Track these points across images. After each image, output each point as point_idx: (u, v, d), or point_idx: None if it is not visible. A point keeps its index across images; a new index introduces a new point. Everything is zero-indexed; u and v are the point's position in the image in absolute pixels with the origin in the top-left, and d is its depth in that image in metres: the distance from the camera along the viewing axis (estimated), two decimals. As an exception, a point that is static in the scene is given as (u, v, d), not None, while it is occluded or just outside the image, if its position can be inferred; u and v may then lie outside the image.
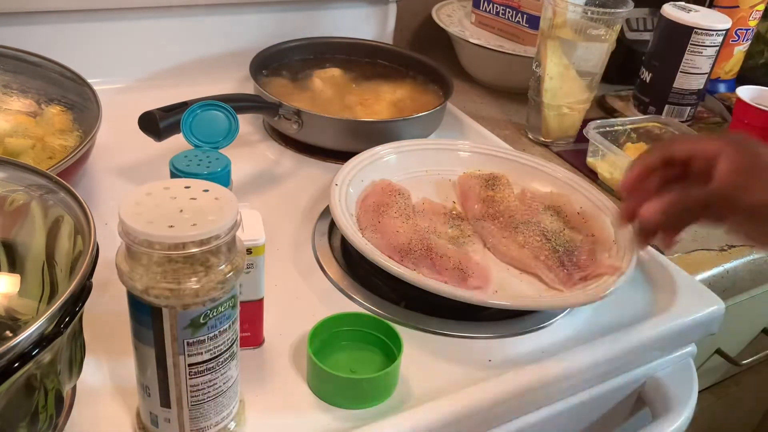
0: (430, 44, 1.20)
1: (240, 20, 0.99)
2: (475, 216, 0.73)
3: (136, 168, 0.78)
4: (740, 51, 1.09)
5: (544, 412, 0.60)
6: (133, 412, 0.50)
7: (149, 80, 0.96)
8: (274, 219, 0.72)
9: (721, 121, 1.06)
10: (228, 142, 0.62)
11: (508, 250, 0.69)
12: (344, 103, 0.90)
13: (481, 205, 0.74)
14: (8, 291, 0.47)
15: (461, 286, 0.62)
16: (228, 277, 0.41)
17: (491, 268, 0.67)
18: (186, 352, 0.43)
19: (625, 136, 0.91)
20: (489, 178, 0.78)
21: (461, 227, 0.72)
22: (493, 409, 0.56)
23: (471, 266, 0.65)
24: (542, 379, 0.58)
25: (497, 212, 0.73)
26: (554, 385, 0.59)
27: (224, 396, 0.46)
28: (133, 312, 0.43)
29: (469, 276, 0.63)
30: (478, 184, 0.77)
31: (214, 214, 0.41)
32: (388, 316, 0.61)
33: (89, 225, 0.45)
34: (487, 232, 0.71)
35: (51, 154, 0.68)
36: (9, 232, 0.49)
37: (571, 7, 0.86)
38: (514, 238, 0.70)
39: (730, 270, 0.78)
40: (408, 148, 0.81)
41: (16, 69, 0.77)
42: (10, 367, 0.36)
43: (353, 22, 1.08)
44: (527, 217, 0.72)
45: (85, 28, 0.90)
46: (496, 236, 0.70)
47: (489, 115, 1.04)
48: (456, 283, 0.62)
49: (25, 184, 0.50)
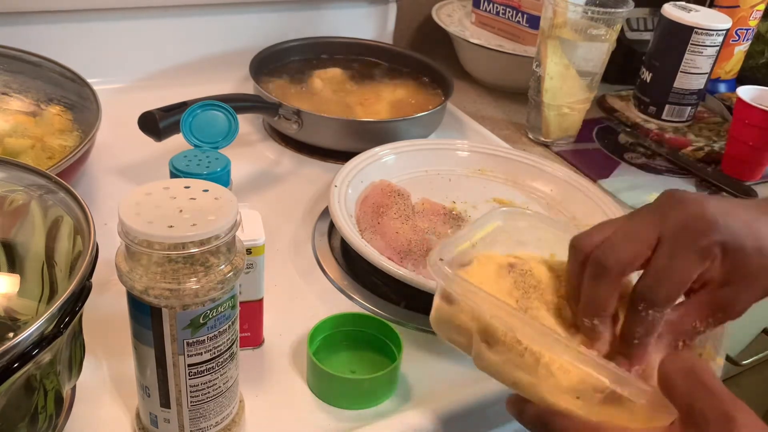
0: (430, 44, 1.20)
1: (240, 20, 0.99)
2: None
3: (135, 168, 0.78)
4: (740, 51, 1.09)
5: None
6: (133, 412, 0.50)
7: (149, 80, 0.96)
8: (274, 219, 0.72)
9: (721, 121, 1.06)
10: (228, 142, 0.62)
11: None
12: (344, 103, 0.89)
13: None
14: (8, 291, 0.47)
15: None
16: (228, 277, 0.41)
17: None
18: (186, 353, 0.43)
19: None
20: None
21: (461, 227, 0.72)
22: (493, 409, 0.56)
23: (471, 266, 0.65)
24: (542, 379, 0.58)
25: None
26: (554, 385, 0.59)
27: (224, 396, 0.46)
28: (133, 312, 0.43)
29: (469, 276, 0.63)
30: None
31: (214, 214, 0.40)
32: (388, 316, 0.61)
33: (89, 225, 0.45)
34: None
35: (50, 154, 0.68)
36: (8, 232, 0.49)
37: (572, 7, 0.86)
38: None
39: (730, 270, 0.77)
40: (407, 148, 0.81)
41: (15, 69, 0.77)
42: (9, 367, 0.36)
43: (353, 22, 1.08)
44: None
45: (85, 28, 0.90)
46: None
47: (489, 115, 1.04)
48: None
49: (25, 184, 0.50)
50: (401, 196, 0.73)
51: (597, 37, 0.88)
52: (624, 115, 1.05)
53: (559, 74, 0.91)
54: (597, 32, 0.87)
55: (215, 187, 0.43)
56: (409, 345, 0.56)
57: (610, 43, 0.89)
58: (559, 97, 0.92)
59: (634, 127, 1.02)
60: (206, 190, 0.43)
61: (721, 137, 1.01)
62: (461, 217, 0.74)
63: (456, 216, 0.74)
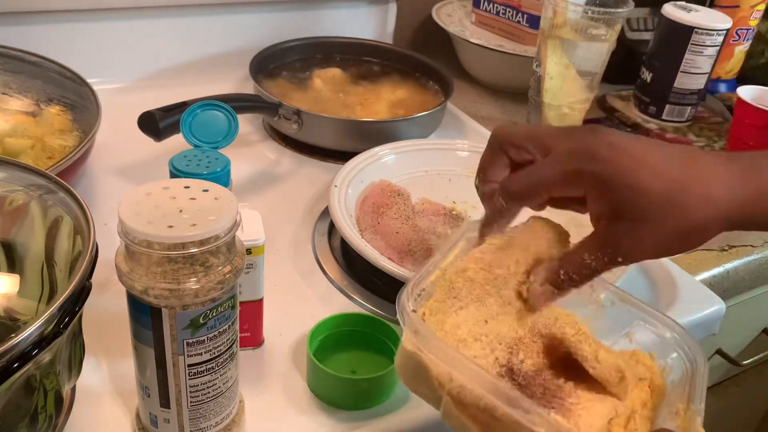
0: (430, 44, 1.20)
1: (240, 20, 0.99)
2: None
3: (135, 168, 0.78)
4: (741, 51, 1.09)
5: (544, 413, 0.60)
6: (133, 412, 0.50)
7: (149, 80, 0.96)
8: (274, 219, 0.72)
9: (722, 121, 1.06)
10: (228, 142, 0.62)
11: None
12: (344, 103, 0.89)
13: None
14: (8, 291, 0.47)
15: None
16: (228, 278, 0.41)
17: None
18: (186, 353, 0.43)
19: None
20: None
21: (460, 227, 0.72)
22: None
23: (471, 266, 0.64)
24: (542, 379, 0.58)
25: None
26: (554, 385, 0.59)
27: (224, 396, 0.46)
28: (133, 312, 0.43)
29: (469, 276, 0.63)
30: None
31: (214, 214, 0.40)
32: (388, 317, 0.61)
33: (89, 225, 0.45)
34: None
35: (50, 154, 0.68)
36: (8, 232, 0.49)
37: (572, 7, 0.86)
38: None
39: (730, 270, 0.77)
40: (407, 148, 0.80)
41: (15, 69, 0.77)
42: (9, 367, 0.36)
43: (353, 22, 1.08)
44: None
45: (85, 28, 0.90)
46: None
47: (489, 115, 1.04)
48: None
49: (25, 184, 0.50)
50: (401, 196, 0.73)
51: (597, 37, 0.88)
52: (624, 115, 1.05)
53: (559, 74, 0.91)
54: (597, 32, 0.87)
55: (215, 187, 0.43)
56: (409, 345, 0.56)
57: (610, 43, 0.89)
58: (559, 97, 0.92)
59: (634, 127, 1.02)
60: (206, 190, 0.43)
61: (721, 137, 1.01)
62: (461, 217, 0.74)
63: (456, 216, 0.73)
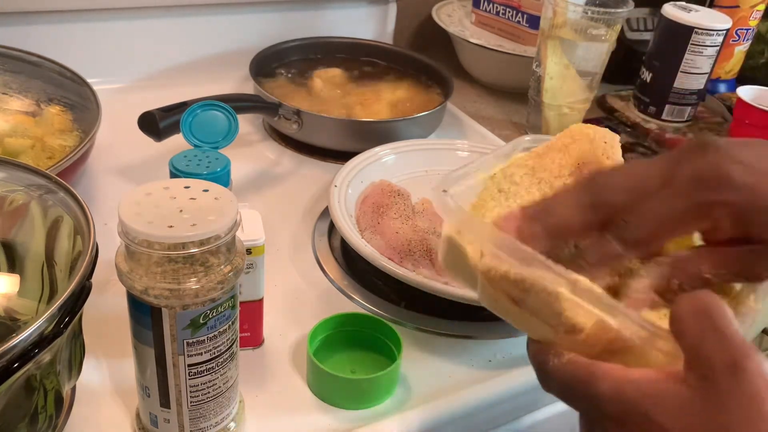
0: (430, 44, 1.20)
1: (240, 20, 0.99)
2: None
3: (135, 168, 0.78)
4: (740, 51, 1.09)
5: (544, 412, 0.60)
6: (133, 412, 0.50)
7: (149, 80, 0.96)
8: (274, 219, 0.72)
9: (721, 121, 1.06)
10: (228, 142, 0.62)
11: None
12: (344, 103, 0.89)
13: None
14: (8, 291, 0.47)
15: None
16: (228, 277, 0.41)
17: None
18: (186, 353, 0.43)
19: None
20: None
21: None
22: (493, 409, 0.56)
23: (471, 266, 0.64)
24: (542, 379, 0.58)
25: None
26: (554, 385, 0.59)
27: (224, 396, 0.46)
28: (133, 312, 0.43)
29: (469, 276, 0.63)
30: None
31: (214, 214, 0.40)
32: (388, 316, 0.61)
33: (89, 225, 0.45)
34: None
35: (50, 154, 0.68)
36: (8, 232, 0.49)
37: (572, 7, 0.86)
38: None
39: (730, 270, 0.77)
40: (407, 148, 0.80)
41: (15, 69, 0.77)
42: (9, 367, 0.36)
43: (353, 22, 1.08)
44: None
45: (85, 28, 0.90)
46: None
47: (489, 115, 1.04)
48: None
49: (25, 184, 0.50)
50: (401, 196, 0.73)
51: (597, 37, 0.88)
52: (624, 115, 1.05)
53: (559, 74, 0.91)
54: (597, 32, 0.87)
55: (215, 187, 0.43)
56: (409, 345, 0.56)
57: (610, 43, 0.89)
58: (559, 97, 0.92)
59: (634, 127, 1.02)
60: (206, 190, 0.43)
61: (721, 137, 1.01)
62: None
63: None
